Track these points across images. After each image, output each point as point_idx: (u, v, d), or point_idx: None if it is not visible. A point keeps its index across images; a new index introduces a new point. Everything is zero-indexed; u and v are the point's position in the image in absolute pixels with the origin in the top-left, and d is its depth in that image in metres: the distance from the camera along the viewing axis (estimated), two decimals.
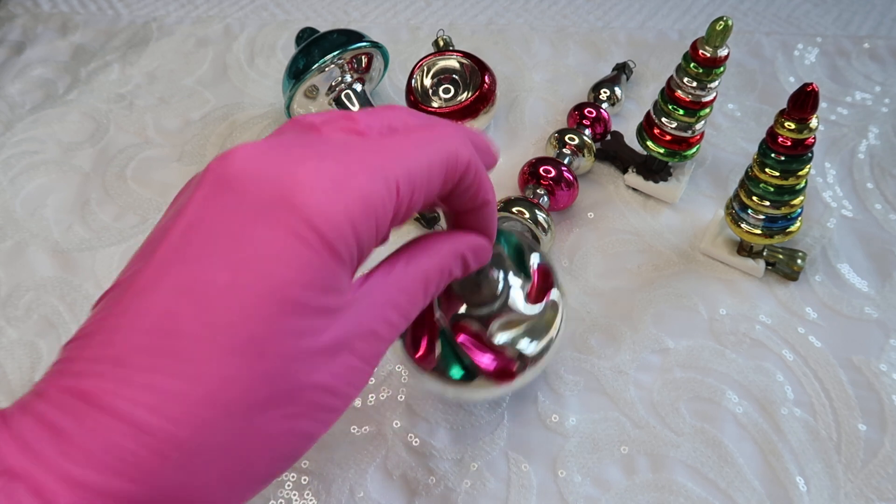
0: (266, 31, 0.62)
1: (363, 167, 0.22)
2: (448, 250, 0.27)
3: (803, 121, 0.38)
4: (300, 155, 0.21)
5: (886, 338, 0.42)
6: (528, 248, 0.37)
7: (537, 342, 0.34)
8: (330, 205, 0.20)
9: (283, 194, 0.20)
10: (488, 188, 0.27)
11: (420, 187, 0.23)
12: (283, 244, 0.20)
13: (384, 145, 0.23)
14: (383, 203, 0.22)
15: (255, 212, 0.20)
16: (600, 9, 0.64)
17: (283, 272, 0.20)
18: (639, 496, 0.37)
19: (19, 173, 0.52)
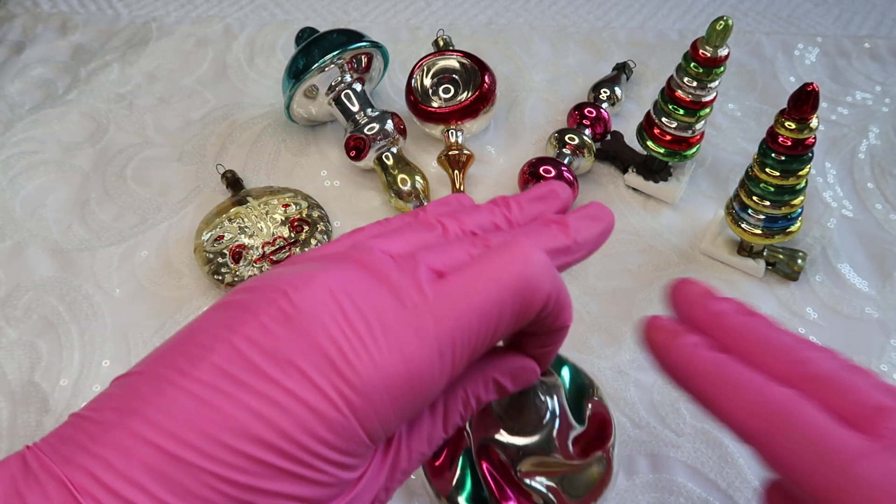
0: (266, 31, 0.62)
1: (416, 328, 0.20)
2: (475, 378, 0.24)
3: (803, 121, 0.38)
4: (366, 314, 0.19)
5: (887, 338, 0.42)
6: (590, 388, 0.32)
7: (572, 495, 0.29)
8: (369, 380, 0.19)
9: (326, 360, 0.19)
10: (568, 313, 0.23)
11: (482, 340, 0.21)
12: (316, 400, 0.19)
13: (445, 291, 0.20)
14: (432, 370, 0.20)
15: (292, 363, 0.19)
16: (600, 9, 0.64)
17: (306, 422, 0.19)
18: (639, 496, 0.37)
19: (19, 173, 0.52)
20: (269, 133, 0.54)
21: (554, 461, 0.29)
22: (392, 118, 0.49)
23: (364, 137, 0.48)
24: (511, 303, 0.20)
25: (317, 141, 0.54)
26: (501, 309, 0.20)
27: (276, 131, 0.54)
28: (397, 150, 0.49)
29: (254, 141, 0.54)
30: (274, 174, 0.52)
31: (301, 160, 0.52)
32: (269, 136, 0.54)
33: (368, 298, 0.20)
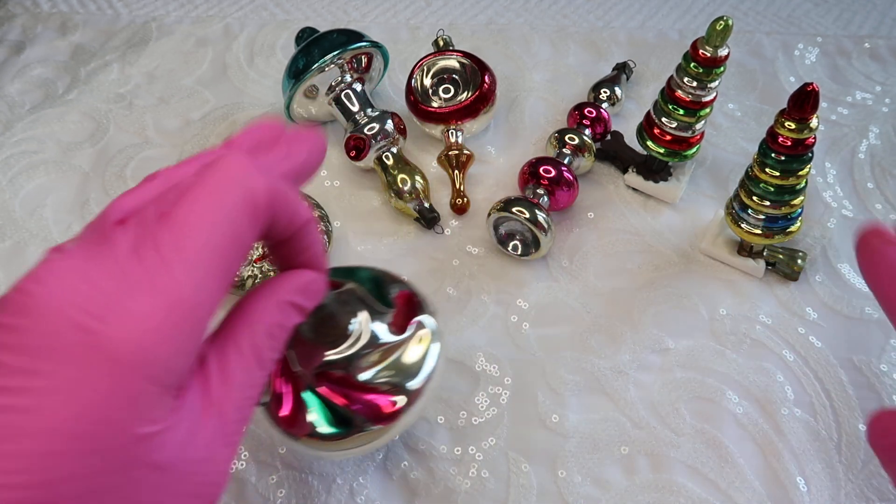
0: (266, 31, 0.62)
1: (153, 281, 0.20)
2: (269, 308, 0.25)
3: (803, 120, 0.38)
4: (101, 277, 0.20)
5: (887, 338, 0.42)
6: (387, 279, 0.34)
7: (413, 370, 0.32)
8: (137, 331, 0.20)
9: (87, 326, 0.20)
10: (301, 209, 0.25)
11: (227, 257, 0.21)
12: (89, 376, 0.19)
13: (169, 240, 0.21)
14: (196, 303, 0.21)
15: (63, 347, 0.19)
16: (600, 9, 0.64)
17: (85, 405, 0.19)
18: (639, 496, 0.37)
19: (19, 173, 0.52)
20: None
21: (381, 349, 0.31)
22: (392, 118, 0.49)
23: (364, 137, 0.48)
24: (239, 211, 0.22)
25: None
26: (233, 220, 0.21)
27: None
28: (397, 150, 0.49)
29: None
30: None
31: None
32: None
33: (103, 272, 0.21)
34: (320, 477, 0.38)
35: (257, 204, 0.22)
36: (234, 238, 0.22)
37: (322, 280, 0.27)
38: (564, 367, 0.41)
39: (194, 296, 0.21)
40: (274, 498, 0.37)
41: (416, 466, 0.38)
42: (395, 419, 0.31)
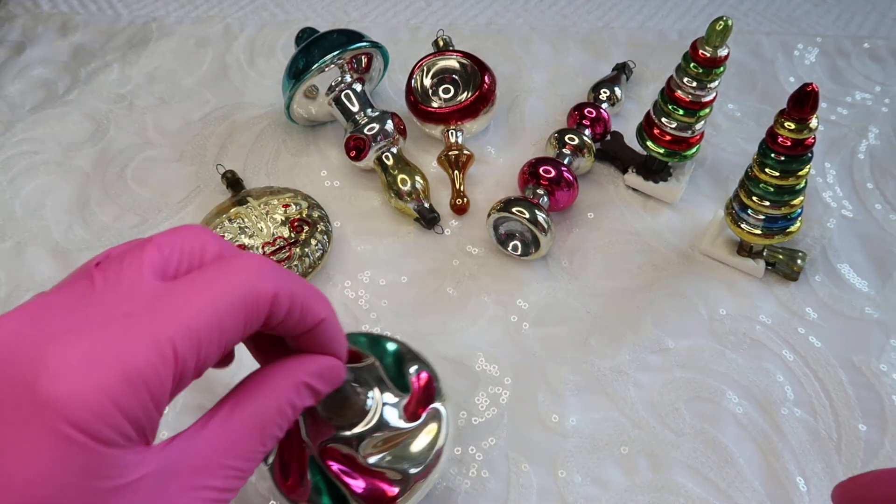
0: (266, 31, 0.62)
1: (128, 333, 0.19)
2: (283, 385, 0.24)
3: (803, 121, 0.38)
4: (53, 329, 0.19)
5: (887, 338, 0.42)
6: (408, 357, 0.34)
7: (417, 460, 0.31)
8: (82, 388, 0.18)
9: (29, 384, 0.18)
10: (317, 308, 0.24)
11: (207, 341, 0.21)
12: (31, 438, 0.18)
13: (161, 299, 0.21)
14: (154, 370, 0.19)
15: (2, 402, 0.18)
16: (600, 9, 0.64)
17: (34, 469, 0.18)
18: (639, 496, 0.37)
19: (19, 173, 0.52)
20: (269, 133, 0.54)
21: (391, 434, 0.31)
22: (392, 118, 0.49)
23: (364, 137, 0.48)
24: (235, 306, 0.21)
25: (317, 141, 0.54)
26: (222, 313, 0.21)
27: (276, 131, 0.54)
28: (397, 150, 0.49)
29: (254, 141, 0.54)
30: (274, 174, 0.52)
31: (301, 160, 0.52)
32: (269, 137, 0.54)
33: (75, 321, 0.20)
34: None
35: (256, 300, 0.22)
36: (216, 318, 0.21)
37: (341, 368, 0.27)
38: (564, 367, 0.41)
39: (154, 363, 0.19)
40: (274, 498, 0.37)
41: None
42: (400, 494, 0.31)
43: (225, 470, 0.22)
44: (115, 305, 0.20)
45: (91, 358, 0.19)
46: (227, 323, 0.21)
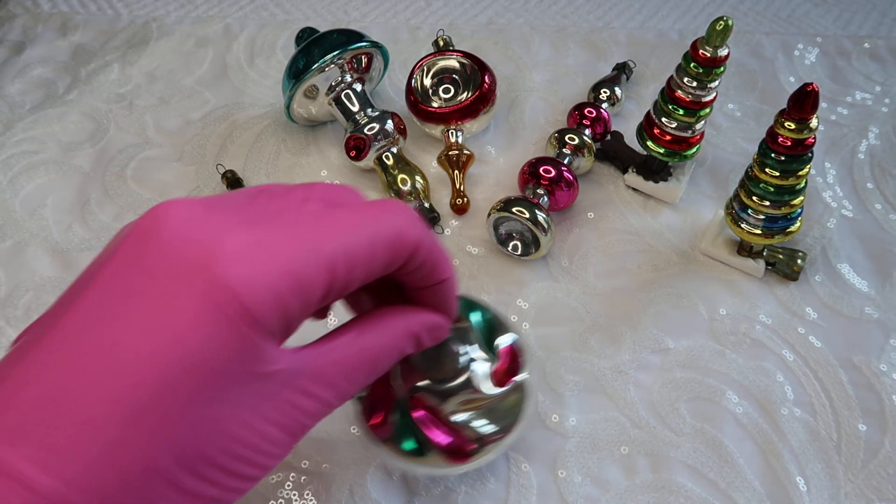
0: (266, 31, 0.62)
1: (297, 240, 0.21)
2: (400, 329, 0.26)
3: (803, 121, 0.38)
4: (232, 221, 0.21)
5: (886, 338, 0.42)
6: (500, 326, 0.36)
7: (496, 425, 0.33)
8: (253, 276, 0.20)
9: (206, 262, 0.20)
10: (445, 266, 0.26)
11: (359, 265, 0.22)
12: (197, 312, 0.19)
13: (325, 218, 0.23)
14: (314, 278, 0.21)
15: (175, 276, 0.20)
16: (600, 9, 0.64)
17: (195, 340, 0.19)
18: (639, 496, 0.37)
19: (19, 173, 0.52)
20: (269, 133, 0.54)
21: (476, 397, 0.34)
22: (392, 118, 0.49)
23: (364, 137, 0.48)
24: (386, 241, 0.23)
25: (317, 141, 0.54)
26: (375, 245, 0.23)
27: (276, 131, 0.54)
28: (397, 150, 0.49)
29: (254, 141, 0.54)
30: (274, 174, 0.52)
31: (301, 160, 0.52)
32: (269, 136, 0.54)
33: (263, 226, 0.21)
34: (320, 477, 0.38)
35: (403, 241, 0.24)
36: (370, 246, 0.23)
37: (447, 328, 0.29)
38: (564, 367, 0.41)
39: (314, 271, 0.21)
40: (274, 498, 0.37)
41: None
42: (464, 461, 0.33)
43: (334, 388, 0.24)
44: (282, 215, 0.22)
45: (263, 252, 0.20)
46: (377, 254, 0.23)
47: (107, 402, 0.19)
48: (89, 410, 0.18)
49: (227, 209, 0.22)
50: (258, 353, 0.21)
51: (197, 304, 0.19)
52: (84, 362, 0.19)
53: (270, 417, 0.22)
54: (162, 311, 0.19)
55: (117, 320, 0.19)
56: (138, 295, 0.20)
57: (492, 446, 0.33)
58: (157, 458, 0.19)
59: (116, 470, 0.18)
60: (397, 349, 0.26)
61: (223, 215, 0.21)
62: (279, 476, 0.38)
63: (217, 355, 0.20)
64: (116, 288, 0.20)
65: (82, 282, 0.21)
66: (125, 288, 0.20)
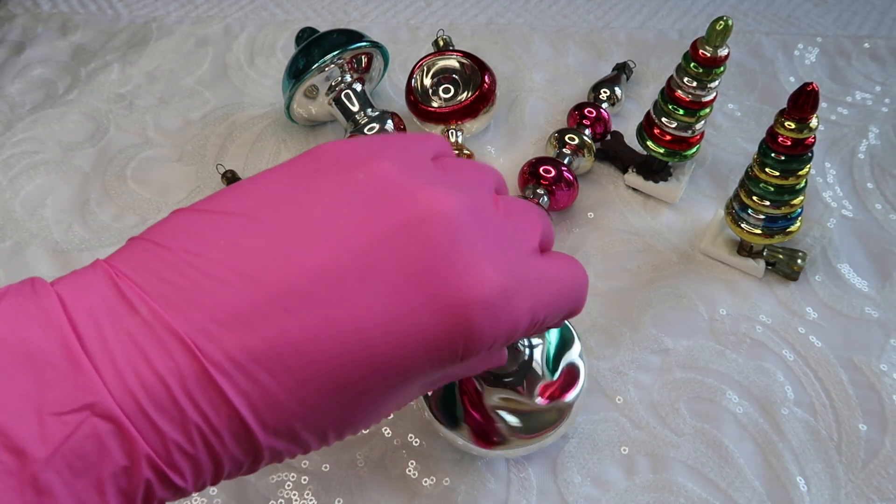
0: (266, 31, 0.62)
1: (525, 278, 0.24)
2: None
3: (803, 120, 0.38)
4: (485, 246, 0.23)
5: (887, 338, 0.42)
6: (570, 346, 0.37)
7: (526, 431, 0.35)
8: (485, 298, 0.22)
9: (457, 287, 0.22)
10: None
11: (551, 319, 0.25)
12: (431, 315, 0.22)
13: (535, 262, 0.25)
14: (522, 327, 0.24)
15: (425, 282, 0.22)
16: (600, 9, 0.64)
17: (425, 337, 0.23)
18: (639, 496, 0.37)
19: (19, 173, 0.52)
20: (269, 133, 0.54)
21: (520, 401, 0.35)
22: (392, 118, 0.49)
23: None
24: (569, 299, 0.26)
25: (317, 141, 0.54)
26: (562, 300, 0.26)
27: (276, 131, 0.54)
28: None
29: (254, 141, 0.54)
30: None
31: None
32: (269, 136, 0.54)
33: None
34: (320, 477, 0.38)
35: (581, 299, 0.27)
36: (556, 311, 0.26)
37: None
38: None
39: (526, 320, 0.24)
40: (274, 498, 0.37)
41: (416, 466, 0.38)
42: (487, 447, 0.35)
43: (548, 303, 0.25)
44: (520, 239, 0.25)
45: (506, 297, 0.23)
46: (563, 310, 0.26)
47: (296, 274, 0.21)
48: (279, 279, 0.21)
49: (433, 172, 0.24)
50: (452, 353, 0.23)
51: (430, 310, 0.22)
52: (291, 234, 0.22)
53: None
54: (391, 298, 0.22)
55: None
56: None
57: (513, 446, 0.35)
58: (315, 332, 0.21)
59: (337, 262, 0.21)
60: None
61: (428, 175, 0.24)
62: (279, 476, 0.38)
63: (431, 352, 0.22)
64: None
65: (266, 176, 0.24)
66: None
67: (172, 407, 0.19)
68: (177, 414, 0.20)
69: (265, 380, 0.20)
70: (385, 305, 0.21)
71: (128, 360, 0.19)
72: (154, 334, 0.20)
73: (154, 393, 0.19)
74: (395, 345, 0.21)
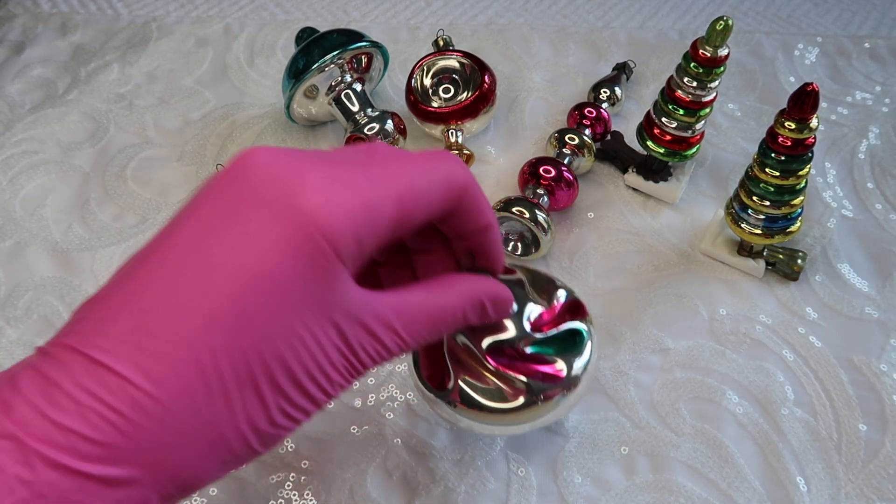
0: (266, 31, 0.62)
1: (368, 175, 0.23)
2: (466, 292, 0.28)
3: (803, 120, 0.38)
4: (311, 163, 0.23)
5: (887, 338, 0.42)
6: (554, 283, 0.35)
7: (571, 355, 0.33)
8: (329, 201, 0.22)
9: (289, 192, 0.22)
10: (488, 210, 0.28)
11: (422, 199, 0.25)
12: (280, 234, 0.21)
13: (390, 161, 0.25)
14: (384, 207, 0.23)
15: (262, 206, 0.22)
16: (600, 9, 0.64)
17: (276, 257, 0.21)
18: (639, 496, 0.37)
19: (19, 173, 0.52)
20: (269, 133, 0.54)
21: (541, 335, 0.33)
22: (392, 118, 0.49)
23: (364, 137, 0.48)
24: (443, 179, 0.25)
25: (317, 141, 0.54)
26: (433, 182, 0.25)
27: (276, 131, 0.54)
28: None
29: (254, 141, 0.54)
30: None
31: None
32: (269, 136, 0.54)
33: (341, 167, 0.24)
34: (320, 477, 0.38)
35: (455, 180, 0.26)
36: (429, 183, 0.25)
37: (510, 302, 0.30)
38: None
39: (384, 201, 0.23)
40: (274, 498, 0.37)
41: (416, 466, 0.38)
42: (566, 385, 0.32)
43: (395, 335, 0.25)
44: (354, 157, 0.25)
45: (338, 184, 0.23)
46: (435, 190, 0.25)
47: (197, 310, 0.21)
48: (182, 321, 0.21)
49: (305, 156, 0.24)
50: (331, 276, 0.22)
51: (280, 227, 0.22)
52: (179, 280, 0.21)
53: (337, 345, 0.23)
54: (249, 234, 0.22)
55: (209, 243, 0.22)
56: (228, 222, 0.22)
57: (579, 379, 0.33)
58: (236, 366, 0.21)
59: (202, 373, 0.21)
60: (462, 311, 0.27)
61: (303, 159, 0.23)
62: (279, 476, 0.38)
63: (296, 272, 0.22)
64: (208, 217, 0.22)
65: (177, 216, 0.23)
66: (216, 217, 0.22)
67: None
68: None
69: None
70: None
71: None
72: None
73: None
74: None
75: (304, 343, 0.22)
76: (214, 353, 0.21)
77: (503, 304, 0.29)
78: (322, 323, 0.23)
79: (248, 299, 0.21)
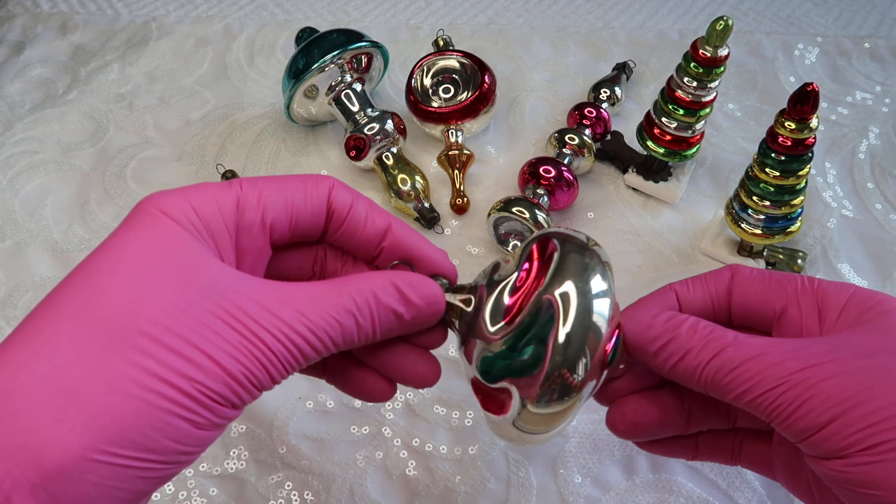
0: (266, 31, 0.62)
1: (209, 186, 0.27)
2: (375, 279, 0.25)
3: (803, 120, 0.38)
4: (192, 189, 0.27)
5: None
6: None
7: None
8: (171, 191, 0.27)
9: (143, 204, 0.27)
10: (381, 214, 0.27)
11: (281, 193, 0.26)
12: (139, 228, 0.27)
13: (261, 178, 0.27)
14: (223, 193, 0.26)
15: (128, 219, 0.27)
16: (600, 9, 0.64)
17: (121, 233, 0.28)
18: (639, 496, 0.37)
19: (19, 173, 0.52)
20: (269, 133, 0.54)
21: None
22: (392, 118, 0.49)
23: (364, 137, 0.48)
24: (300, 180, 0.27)
25: (317, 141, 0.54)
26: (295, 185, 0.27)
27: (276, 131, 0.54)
28: (397, 150, 0.49)
29: (254, 141, 0.54)
30: (274, 174, 0.51)
31: (301, 160, 0.52)
32: (269, 136, 0.54)
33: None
34: (320, 477, 0.38)
35: (316, 185, 0.27)
36: (279, 180, 0.27)
37: (433, 285, 0.26)
38: None
39: (220, 193, 0.27)
40: (274, 498, 0.37)
41: (416, 466, 0.38)
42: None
43: (280, 321, 0.23)
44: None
45: (181, 190, 0.27)
46: (289, 186, 0.27)
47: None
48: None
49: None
50: (197, 256, 0.25)
51: (138, 220, 0.27)
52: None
53: (216, 317, 0.23)
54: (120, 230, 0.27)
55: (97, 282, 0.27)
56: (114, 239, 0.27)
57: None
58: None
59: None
60: (372, 295, 0.25)
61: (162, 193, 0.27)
62: (279, 476, 0.38)
63: (159, 253, 0.25)
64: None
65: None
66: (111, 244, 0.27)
67: None
68: None
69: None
70: None
71: None
72: None
73: None
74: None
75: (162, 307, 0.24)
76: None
77: (426, 290, 0.26)
78: (179, 293, 0.24)
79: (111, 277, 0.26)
